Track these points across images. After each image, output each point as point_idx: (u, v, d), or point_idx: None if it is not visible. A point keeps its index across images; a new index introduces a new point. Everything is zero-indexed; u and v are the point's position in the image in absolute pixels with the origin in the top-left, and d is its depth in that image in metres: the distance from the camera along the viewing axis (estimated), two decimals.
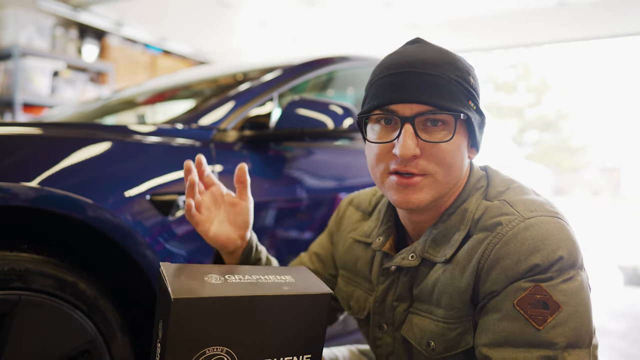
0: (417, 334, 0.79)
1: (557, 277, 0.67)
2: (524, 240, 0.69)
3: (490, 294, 0.71)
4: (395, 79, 0.73)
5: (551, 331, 0.65)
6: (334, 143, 1.65)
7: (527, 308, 0.67)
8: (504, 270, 0.69)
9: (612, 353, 2.55)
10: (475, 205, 0.77)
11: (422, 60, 0.73)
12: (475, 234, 0.74)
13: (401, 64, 0.74)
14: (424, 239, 0.80)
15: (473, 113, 0.75)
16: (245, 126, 1.40)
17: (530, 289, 0.67)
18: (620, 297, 3.95)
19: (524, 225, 0.70)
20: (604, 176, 17.74)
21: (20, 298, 0.91)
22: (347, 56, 1.86)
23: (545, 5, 4.72)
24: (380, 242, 0.87)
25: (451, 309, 0.74)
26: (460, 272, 0.74)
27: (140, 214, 1.06)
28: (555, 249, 0.68)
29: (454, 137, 0.73)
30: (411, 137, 0.71)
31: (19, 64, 3.85)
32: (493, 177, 0.82)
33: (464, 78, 0.74)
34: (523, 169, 2.92)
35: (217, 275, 0.70)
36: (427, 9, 4.94)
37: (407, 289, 0.82)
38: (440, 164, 0.73)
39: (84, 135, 1.09)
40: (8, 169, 0.93)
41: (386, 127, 0.75)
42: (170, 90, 2.05)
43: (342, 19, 5.28)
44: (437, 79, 0.72)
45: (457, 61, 0.75)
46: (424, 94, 0.71)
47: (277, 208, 1.36)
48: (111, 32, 5.10)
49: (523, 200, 0.74)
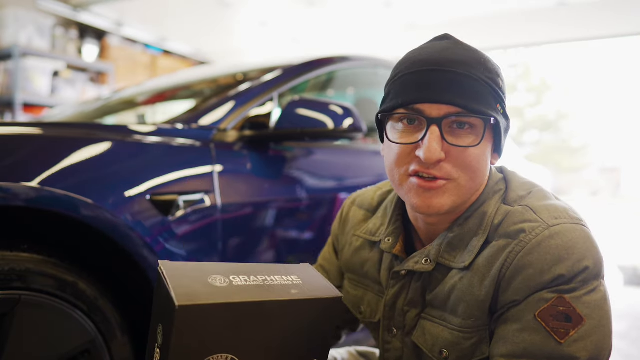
0: (429, 341, 0.76)
1: (581, 288, 0.65)
2: (549, 249, 0.66)
3: (510, 304, 0.68)
4: (422, 76, 0.69)
5: (573, 345, 0.63)
6: (334, 143, 1.65)
7: (549, 320, 0.64)
8: (527, 280, 0.66)
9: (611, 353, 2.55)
10: (494, 209, 0.74)
11: (451, 59, 0.69)
12: (496, 240, 0.71)
13: (429, 61, 0.69)
14: (439, 243, 0.76)
15: (501, 117, 0.72)
16: (245, 126, 1.40)
17: (553, 300, 0.64)
18: (620, 297, 3.95)
19: (549, 233, 0.67)
20: (603, 176, 17.73)
21: (20, 298, 0.91)
22: (347, 56, 1.86)
23: (545, 5, 4.72)
24: (390, 244, 0.83)
25: (468, 318, 0.71)
26: (479, 281, 0.70)
27: (140, 214, 1.06)
28: (581, 259, 0.65)
29: (481, 142, 0.69)
30: (437, 140, 0.67)
31: (19, 64, 3.85)
32: (511, 179, 0.78)
33: (494, 80, 0.70)
34: (523, 169, 2.92)
35: (221, 276, 0.66)
36: (427, 9, 4.94)
37: (419, 294, 0.79)
38: (465, 169, 0.70)
39: (84, 135, 1.09)
40: (8, 169, 0.93)
41: (409, 127, 0.71)
42: (170, 90, 2.05)
43: (342, 19, 5.28)
44: (466, 79, 0.67)
45: (487, 61, 0.71)
46: (453, 95, 0.67)
47: (277, 208, 1.36)
48: (111, 32, 5.10)
49: (546, 206, 0.71)
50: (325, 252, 1.04)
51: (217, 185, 1.21)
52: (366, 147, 1.78)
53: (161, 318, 0.63)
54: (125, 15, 5.10)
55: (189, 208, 1.14)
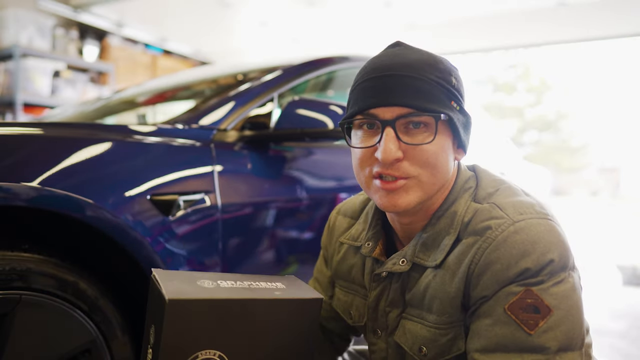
0: (409, 340, 0.78)
1: (548, 280, 0.67)
2: (514, 244, 0.68)
3: (481, 299, 0.71)
4: (376, 83, 0.73)
5: (543, 335, 0.65)
6: (334, 143, 1.65)
7: (518, 312, 0.66)
8: (495, 275, 0.69)
9: (611, 353, 2.55)
10: (464, 207, 0.77)
11: (402, 63, 0.73)
12: (465, 238, 0.74)
13: (381, 68, 0.74)
14: (414, 243, 0.80)
15: (456, 113, 0.75)
16: (245, 126, 1.40)
17: (521, 293, 0.67)
18: (619, 297, 3.95)
19: (514, 228, 0.69)
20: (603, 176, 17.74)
21: (21, 298, 0.91)
22: (347, 56, 1.86)
23: (545, 5, 4.72)
24: (369, 248, 0.86)
25: (442, 314, 0.74)
26: (450, 277, 0.73)
27: (140, 214, 1.06)
28: (546, 252, 0.67)
29: (436, 138, 0.72)
30: (392, 141, 0.71)
31: (20, 64, 3.85)
32: (482, 177, 0.81)
33: (445, 79, 0.74)
34: (522, 169, 2.92)
35: (209, 280, 0.70)
36: (427, 9, 4.94)
37: (399, 294, 0.82)
38: (423, 166, 0.73)
39: (85, 135, 1.10)
40: (8, 169, 0.93)
41: (369, 132, 0.75)
42: (170, 90, 2.06)
43: (342, 19, 5.28)
44: (416, 81, 0.71)
45: (438, 62, 0.75)
46: (404, 97, 0.71)
47: (277, 208, 1.36)
48: (112, 33, 5.10)
49: (512, 203, 0.73)
50: (318, 265, 1.07)
51: (218, 185, 1.21)
52: None
53: (153, 319, 0.65)
54: (125, 15, 5.10)
55: (189, 208, 1.15)
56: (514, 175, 2.59)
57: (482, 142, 2.50)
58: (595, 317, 3.16)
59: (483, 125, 2.66)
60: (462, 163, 0.84)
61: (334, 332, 1.03)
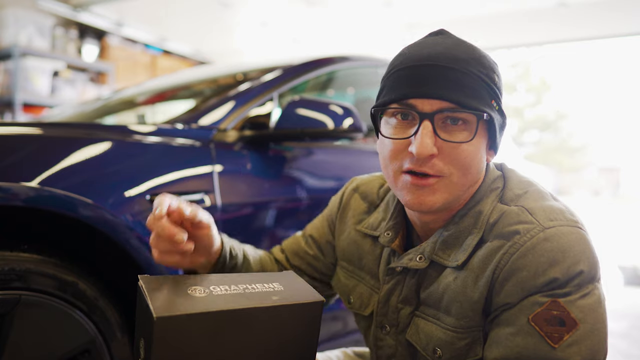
0: (423, 340, 0.75)
1: (575, 292, 0.64)
2: (543, 252, 0.65)
3: (503, 306, 0.67)
4: (416, 71, 0.68)
5: (567, 350, 0.62)
6: (334, 143, 1.65)
7: (542, 324, 0.63)
8: (520, 283, 0.65)
9: (612, 353, 2.55)
10: (490, 207, 0.73)
11: (445, 54, 0.68)
12: (491, 240, 0.70)
13: (422, 57, 0.69)
14: (434, 240, 0.76)
15: (495, 113, 0.71)
16: (245, 126, 1.40)
17: (547, 304, 0.64)
18: (620, 297, 3.95)
19: (544, 235, 0.66)
20: (603, 176, 17.73)
21: (20, 298, 0.91)
22: (347, 56, 1.86)
23: (545, 5, 4.72)
24: (389, 238, 0.82)
25: (461, 318, 0.71)
26: (473, 281, 0.70)
27: (140, 214, 1.06)
28: (576, 263, 0.64)
29: (474, 138, 0.69)
30: (429, 135, 0.67)
31: (19, 64, 3.85)
32: (510, 177, 0.77)
33: (489, 76, 0.70)
34: (523, 169, 2.92)
35: (201, 287, 0.65)
36: (427, 9, 4.94)
37: (413, 291, 0.78)
38: (457, 166, 0.69)
39: (84, 135, 1.09)
40: (8, 169, 0.93)
41: (403, 123, 0.71)
42: (170, 90, 2.05)
43: (342, 19, 5.28)
44: (460, 74, 0.67)
45: (482, 57, 0.71)
46: (446, 90, 0.66)
47: (277, 208, 1.36)
48: (111, 32, 5.10)
49: (542, 207, 0.70)
50: (317, 223, 1.01)
51: (217, 185, 1.21)
52: (366, 147, 1.78)
53: (142, 332, 0.62)
54: (125, 15, 5.10)
55: None
56: None
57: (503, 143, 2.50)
58: None
59: None
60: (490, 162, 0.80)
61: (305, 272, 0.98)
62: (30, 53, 3.98)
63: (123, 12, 5.03)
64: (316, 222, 1.02)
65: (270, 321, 0.65)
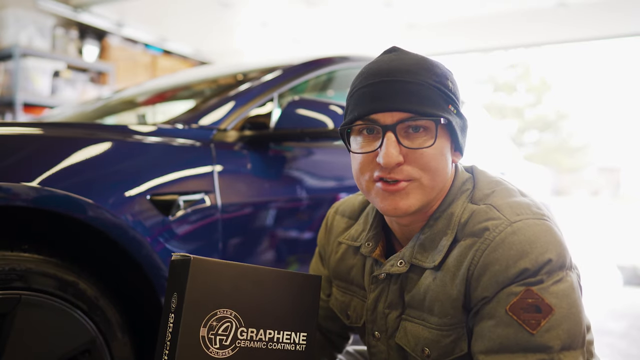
0: (412, 341, 0.79)
1: (547, 279, 0.68)
2: (512, 245, 0.69)
3: (482, 300, 0.71)
4: (374, 88, 0.74)
5: (545, 335, 0.66)
6: (334, 143, 1.65)
7: (519, 312, 0.67)
8: (494, 276, 0.69)
9: (611, 353, 2.55)
10: (461, 209, 0.77)
11: (399, 68, 0.74)
12: (463, 239, 0.75)
13: (379, 73, 0.75)
14: (412, 245, 0.80)
15: (454, 117, 0.76)
16: (245, 126, 1.40)
17: (521, 293, 0.67)
18: (619, 297, 3.95)
19: (511, 229, 0.70)
20: (603, 176, 17.74)
21: (21, 298, 0.91)
22: (347, 56, 1.86)
23: (545, 5, 4.72)
24: (370, 248, 0.87)
25: (444, 316, 0.75)
26: (450, 280, 0.74)
27: (140, 214, 1.06)
28: (544, 252, 0.68)
29: (436, 142, 0.73)
30: (393, 145, 0.72)
31: (20, 64, 3.85)
32: (479, 179, 0.82)
33: (442, 83, 0.75)
34: (523, 169, 2.92)
35: None
36: (427, 9, 4.94)
37: (398, 296, 0.82)
38: (424, 169, 0.74)
39: (84, 135, 1.09)
40: (8, 169, 0.93)
41: (368, 137, 0.76)
42: (170, 90, 2.06)
43: (342, 19, 5.28)
44: (415, 85, 0.73)
45: (434, 67, 0.76)
46: (404, 101, 0.72)
47: (277, 208, 1.36)
48: (111, 33, 5.10)
49: (509, 204, 0.74)
50: (313, 263, 1.07)
51: (217, 185, 1.21)
52: None
53: (174, 288, 0.74)
54: (125, 15, 5.10)
55: (189, 208, 1.15)
56: (514, 175, 2.59)
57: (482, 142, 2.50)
58: (596, 317, 3.16)
59: (483, 125, 2.66)
60: (459, 164, 0.85)
61: (333, 331, 1.03)
62: (31, 53, 3.98)
63: (123, 13, 5.03)
64: (312, 261, 1.08)
65: (280, 283, 0.79)
